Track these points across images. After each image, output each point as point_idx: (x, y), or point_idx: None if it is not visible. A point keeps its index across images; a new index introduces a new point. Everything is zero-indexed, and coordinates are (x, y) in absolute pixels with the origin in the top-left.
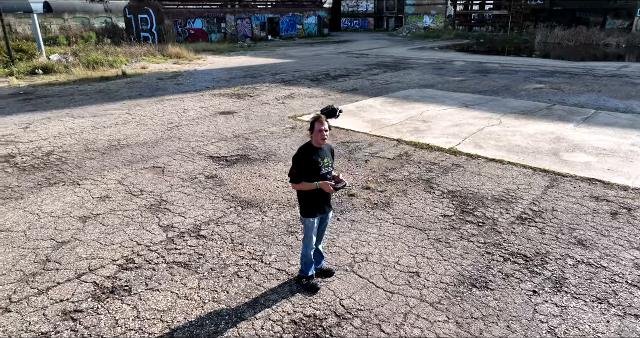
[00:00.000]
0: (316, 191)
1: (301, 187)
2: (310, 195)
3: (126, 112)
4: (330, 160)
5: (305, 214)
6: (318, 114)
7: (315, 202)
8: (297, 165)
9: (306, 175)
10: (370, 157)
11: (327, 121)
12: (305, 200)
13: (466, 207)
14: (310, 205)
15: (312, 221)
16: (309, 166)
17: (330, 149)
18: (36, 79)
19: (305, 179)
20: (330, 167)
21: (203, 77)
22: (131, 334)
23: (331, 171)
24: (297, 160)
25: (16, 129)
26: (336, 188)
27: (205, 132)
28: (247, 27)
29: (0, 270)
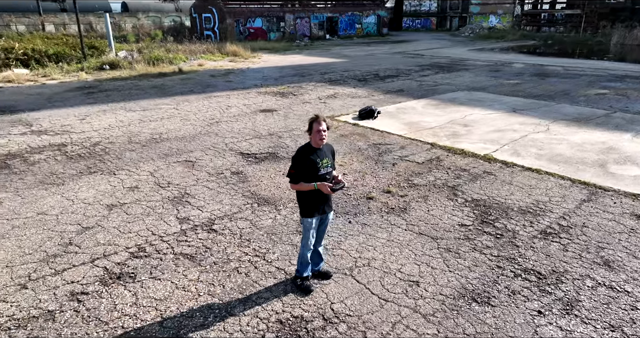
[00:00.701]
0: (315, 192)
1: (299, 187)
2: (309, 195)
3: (174, 107)
4: (330, 161)
5: (304, 214)
6: (316, 115)
7: (314, 202)
8: (296, 166)
9: (304, 175)
10: (398, 161)
11: (326, 121)
12: (304, 200)
13: (487, 218)
14: (309, 206)
15: (310, 221)
16: (307, 167)
17: (330, 150)
18: (103, 74)
19: (304, 180)
20: (329, 167)
21: (254, 75)
22: (125, 319)
23: (331, 171)
24: (295, 160)
25: (74, 120)
26: (334, 190)
27: (242, 129)
28: (306, 26)
29: (28, 249)
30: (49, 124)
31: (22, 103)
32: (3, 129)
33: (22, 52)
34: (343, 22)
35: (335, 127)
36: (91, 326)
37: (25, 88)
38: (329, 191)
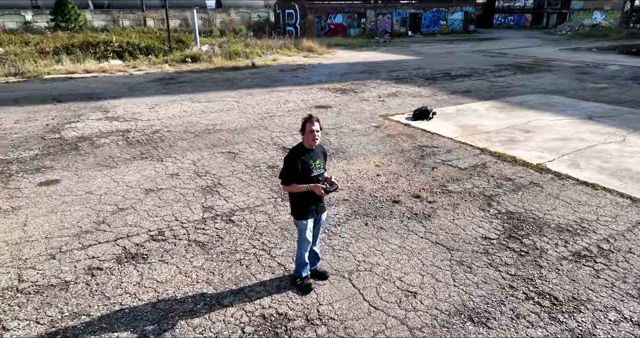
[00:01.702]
0: (308, 193)
1: (292, 189)
2: (302, 197)
3: (236, 100)
4: (322, 162)
5: (298, 216)
6: (310, 115)
7: (307, 204)
8: (288, 167)
9: (297, 177)
10: (440, 165)
11: (319, 122)
12: (297, 202)
13: (517, 232)
14: (302, 208)
15: (305, 223)
16: (299, 168)
17: (322, 151)
18: (183, 66)
19: (296, 181)
20: (322, 169)
21: (322, 70)
22: (125, 297)
23: (323, 173)
24: (287, 161)
25: (144, 109)
26: (327, 191)
27: (292, 124)
28: (388, 22)
29: (67, 224)
30: (122, 111)
31: (107, 91)
32: (85, 114)
33: (118, 44)
34: (427, 19)
35: (384, 126)
36: (94, 300)
37: (115, 77)
38: (322, 193)
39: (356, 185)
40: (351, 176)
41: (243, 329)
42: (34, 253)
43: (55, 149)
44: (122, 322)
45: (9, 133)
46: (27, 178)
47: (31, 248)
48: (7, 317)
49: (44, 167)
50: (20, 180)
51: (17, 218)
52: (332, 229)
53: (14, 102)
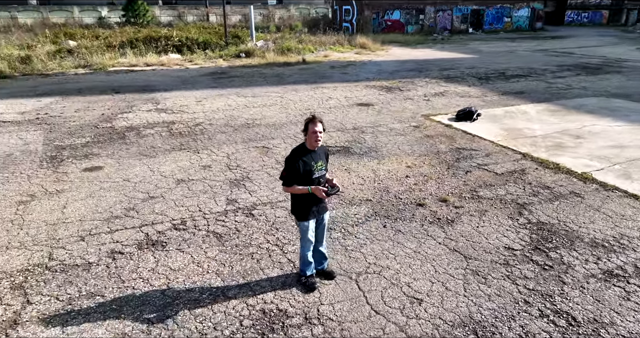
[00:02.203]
0: (309, 195)
1: (293, 190)
2: (303, 198)
3: (281, 95)
4: (324, 164)
5: (299, 218)
6: (313, 115)
7: (308, 205)
8: (289, 168)
9: (298, 178)
10: (475, 168)
11: (322, 122)
12: (299, 203)
13: (544, 245)
14: (303, 209)
15: (306, 225)
16: (301, 169)
17: (324, 152)
18: (237, 61)
19: (297, 182)
20: (323, 170)
21: (371, 68)
22: (138, 282)
23: (324, 175)
24: (289, 162)
25: (192, 102)
26: (329, 194)
27: (331, 121)
28: (448, 19)
29: (101, 209)
30: (171, 103)
31: (162, 84)
32: (137, 105)
33: (178, 39)
34: (489, 16)
35: (424, 126)
36: (110, 282)
37: (171, 71)
38: (323, 195)
39: (382, 185)
40: (379, 176)
41: (241, 322)
42: (67, 234)
43: (104, 137)
44: (130, 305)
45: (68, 121)
46: (74, 164)
47: (65, 230)
48: (32, 291)
49: (92, 154)
50: (69, 165)
51: (59, 201)
52: (349, 229)
53: (78, 92)
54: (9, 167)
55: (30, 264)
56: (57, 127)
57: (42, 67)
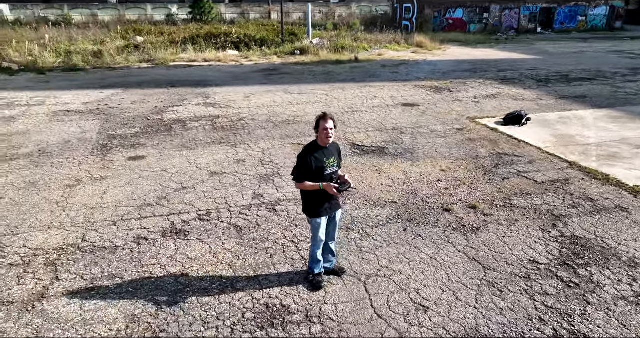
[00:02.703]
0: (321, 192)
1: (304, 187)
2: (314, 195)
3: (327, 93)
4: (337, 160)
5: (311, 214)
6: (324, 112)
7: (320, 202)
8: (300, 164)
9: (310, 174)
10: (513, 176)
11: (334, 119)
12: (310, 200)
13: (574, 261)
14: (315, 206)
15: (318, 222)
16: (312, 166)
17: (336, 149)
18: (290, 58)
19: (309, 179)
20: (335, 167)
21: (424, 67)
22: (155, 267)
23: (337, 171)
24: (300, 159)
25: (240, 97)
26: (340, 190)
27: (371, 120)
28: (514, 18)
29: (136, 196)
30: (220, 98)
31: (215, 79)
32: (188, 99)
33: (237, 36)
34: (561, 14)
35: (468, 129)
36: (131, 266)
37: (226, 67)
38: (334, 192)
39: (411, 188)
40: (410, 179)
41: (244, 314)
42: (102, 218)
43: (153, 128)
44: (144, 289)
45: (124, 112)
46: (121, 153)
47: (101, 214)
48: (62, 269)
49: (138, 144)
50: (116, 153)
51: (101, 187)
52: (368, 230)
53: (137, 85)
54: (65, 153)
55: (65, 244)
56: (113, 118)
57: (111, 61)
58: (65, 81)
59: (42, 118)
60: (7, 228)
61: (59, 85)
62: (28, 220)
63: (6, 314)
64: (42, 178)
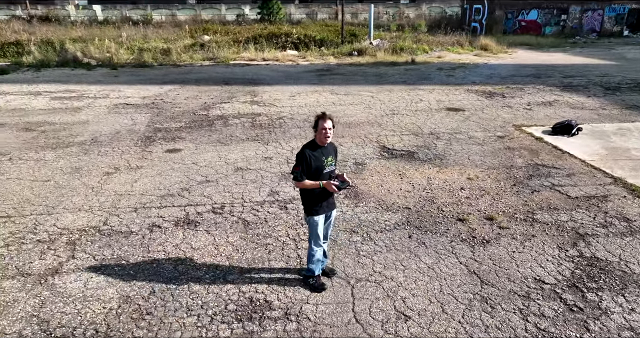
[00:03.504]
0: (320, 190)
1: (304, 185)
2: (314, 194)
3: (373, 95)
4: (334, 160)
5: (310, 213)
6: (323, 112)
7: (318, 200)
8: (300, 163)
9: (309, 173)
10: (545, 189)
11: (332, 120)
12: (309, 198)
13: (586, 283)
14: (314, 204)
15: (316, 220)
16: (312, 164)
17: (334, 148)
18: (347, 59)
19: (308, 177)
20: (333, 166)
21: (483, 71)
22: (160, 254)
23: (334, 170)
24: (300, 157)
25: (286, 96)
26: (339, 188)
27: (409, 124)
28: (597, 19)
29: (162, 186)
30: (267, 97)
31: (268, 78)
32: (237, 96)
33: (297, 36)
34: None
35: (510, 137)
36: (138, 251)
37: (282, 66)
38: (334, 190)
39: (430, 195)
40: (432, 185)
41: (227, 306)
42: (126, 204)
43: (196, 123)
44: (144, 273)
45: (175, 107)
46: (161, 145)
47: (127, 200)
48: (79, 248)
49: (178, 138)
50: (157, 145)
51: (134, 175)
52: (372, 234)
53: (195, 82)
54: (113, 142)
55: (88, 226)
56: (164, 112)
57: (177, 59)
58: (132, 76)
59: (102, 110)
60: (45, 208)
61: (125, 80)
62: (64, 202)
63: (22, 284)
64: (86, 165)
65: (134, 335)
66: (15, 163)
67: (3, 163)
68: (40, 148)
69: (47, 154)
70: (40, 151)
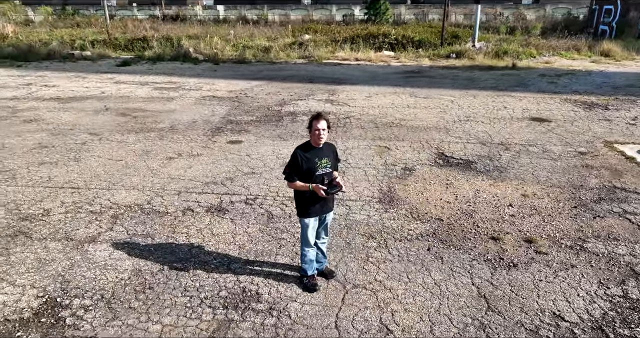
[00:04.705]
0: (311, 192)
1: (295, 186)
2: (305, 195)
3: (453, 99)
4: (330, 161)
5: (300, 214)
6: (318, 112)
7: (310, 202)
8: (291, 164)
9: (300, 174)
10: (612, 215)
11: (327, 121)
12: (300, 200)
13: (615, 328)
14: (304, 206)
15: (306, 222)
16: (302, 166)
17: (332, 150)
18: (442, 61)
19: (300, 179)
20: (328, 168)
21: (593, 79)
22: (182, 235)
23: (330, 173)
24: (292, 158)
25: (363, 96)
26: (327, 193)
27: (480, 132)
28: None
29: (211, 173)
30: (344, 96)
31: (353, 77)
32: (315, 94)
33: (394, 37)
34: None
35: (594, 154)
36: (165, 230)
37: (372, 66)
38: (322, 194)
39: (470, 209)
40: (477, 198)
41: (219, 292)
42: (173, 187)
43: (267, 118)
44: (161, 251)
45: (254, 101)
46: (226, 136)
47: (175, 184)
48: (119, 222)
49: (244, 130)
50: (223, 136)
51: (190, 162)
52: (389, 242)
53: (282, 79)
54: (187, 131)
55: (134, 203)
56: (242, 106)
57: (274, 56)
58: (228, 71)
59: (191, 101)
60: (108, 184)
61: (221, 75)
62: (125, 180)
63: (63, 246)
64: (155, 149)
65: (131, 305)
66: (102, 143)
67: (93, 142)
68: (127, 131)
69: (129, 137)
70: (125, 134)
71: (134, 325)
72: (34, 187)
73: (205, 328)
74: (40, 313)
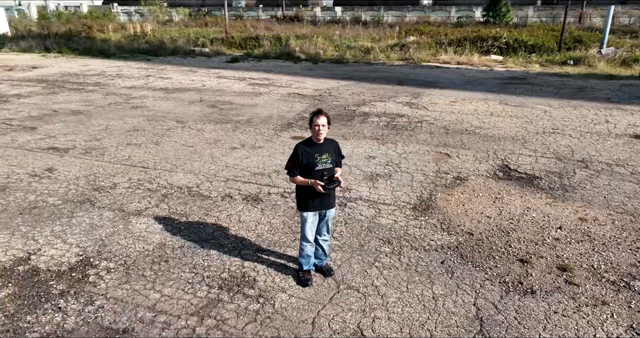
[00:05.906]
0: (311, 187)
1: (295, 181)
2: (304, 190)
3: (547, 109)
4: (331, 157)
5: (300, 208)
6: (319, 108)
7: (309, 197)
8: (292, 158)
9: (301, 169)
10: None
11: (328, 117)
12: (300, 194)
13: None
14: (305, 200)
15: (305, 216)
16: (302, 161)
17: (334, 146)
18: (555, 68)
19: (301, 174)
20: (329, 164)
21: None
22: (212, 218)
23: (331, 168)
24: (293, 153)
25: (447, 101)
26: (326, 188)
27: (562, 146)
28: None
29: (262, 165)
30: (426, 100)
31: (444, 81)
32: (398, 96)
33: (505, 41)
34: None
35: None
36: (200, 212)
37: (472, 71)
38: (320, 189)
39: (509, 227)
40: (523, 217)
41: (221, 274)
42: (224, 174)
43: (338, 117)
44: (187, 230)
45: (334, 100)
46: (293, 131)
47: (228, 172)
48: (166, 200)
49: None
50: (289, 131)
51: (249, 153)
52: (405, 249)
53: (371, 80)
54: (260, 124)
55: (185, 185)
56: (321, 104)
57: (373, 57)
58: (323, 70)
59: (276, 97)
60: (171, 166)
61: (315, 74)
62: (186, 164)
63: (114, 216)
64: (225, 139)
65: (144, 273)
66: (184, 130)
67: (177, 129)
68: (208, 121)
69: (208, 126)
70: (206, 123)
71: (139, 290)
72: (114, 164)
73: (195, 304)
74: (74, 268)
